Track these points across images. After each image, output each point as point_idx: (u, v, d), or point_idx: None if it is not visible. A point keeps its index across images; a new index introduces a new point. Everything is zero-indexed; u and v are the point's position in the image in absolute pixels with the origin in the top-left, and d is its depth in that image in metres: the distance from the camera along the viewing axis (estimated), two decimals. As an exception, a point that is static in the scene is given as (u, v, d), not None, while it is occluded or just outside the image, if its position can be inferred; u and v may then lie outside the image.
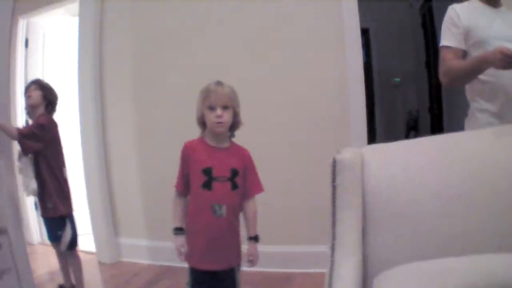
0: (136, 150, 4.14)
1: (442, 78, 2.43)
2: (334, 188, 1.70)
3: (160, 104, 4.02)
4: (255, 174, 2.35)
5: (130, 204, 4.20)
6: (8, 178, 2.77)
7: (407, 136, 6.05)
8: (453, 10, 2.44)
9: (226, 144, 2.30)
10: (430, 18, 5.36)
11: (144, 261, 4.11)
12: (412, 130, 6.06)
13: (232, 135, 2.33)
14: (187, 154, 2.28)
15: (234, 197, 2.28)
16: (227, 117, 2.20)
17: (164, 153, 3.87)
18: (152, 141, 4.06)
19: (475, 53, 2.34)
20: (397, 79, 6.13)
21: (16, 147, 3.04)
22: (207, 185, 2.22)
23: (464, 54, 2.39)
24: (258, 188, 2.35)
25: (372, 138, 6.06)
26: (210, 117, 2.19)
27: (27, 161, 3.11)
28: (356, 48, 3.51)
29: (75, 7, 4.40)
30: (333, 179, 1.71)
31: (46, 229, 3.39)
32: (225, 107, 2.19)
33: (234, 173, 2.25)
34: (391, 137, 5.45)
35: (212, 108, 2.18)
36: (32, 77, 4.68)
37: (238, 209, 2.32)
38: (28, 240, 4.18)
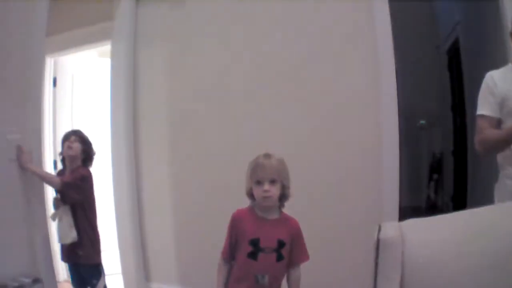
0: (170, 196, 4.16)
1: (478, 147, 2.46)
2: (376, 264, 1.73)
3: (195, 148, 4.03)
4: (302, 244, 2.36)
5: (163, 249, 4.21)
6: (43, 226, 2.82)
7: (430, 179, 6.01)
8: (490, 77, 2.45)
9: (275, 215, 2.33)
10: (456, 60, 5.35)
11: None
12: (435, 173, 6.02)
13: (282, 206, 2.36)
14: (235, 225, 2.33)
15: (279, 267, 2.30)
16: (274, 191, 2.23)
17: (199, 198, 3.89)
18: (187, 186, 4.07)
19: (509, 121, 2.37)
20: (423, 122, 6.10)
21: (48, 195, 3.09)
22: (253, 255, 2.25)
23: (499, 122, 2.41)
24: (304, 257, 2.36)
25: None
26: (258, 192, 2.23)
27: (66, 210, 3.18)
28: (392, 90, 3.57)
29: (104, 48, 4.47)
30: (376, 256, 1.74)
31: (72, 275, 3.44)
32: (272, 181, 2.22)
33: (281, 244, 2.27)
34: (414, 178, 5.45)
35: (259, 183, 2.22)
36: (60, 117, 4.79)
37: (281, 277, 2.34)
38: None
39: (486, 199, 2.84)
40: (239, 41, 3.86)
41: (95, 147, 3.46)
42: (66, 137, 3.39)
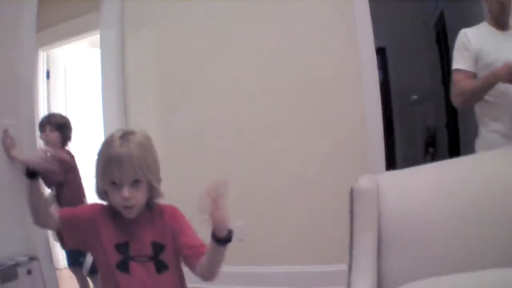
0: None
1: (455, 99, 2.51)
2: (351, 214, 1.78)
3: (184, 130, 4.09)
4: (188, 233, 1.68)
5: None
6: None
7: (426, 153, 6.06)
8: (464, 34, 2.54)
9: (140, 213, 1.66)
10: (443, 34, 5.40)
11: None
12: (430, 146, 6.07)
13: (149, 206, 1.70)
14: (92, 215, 1.66)
15: (164, 282, 1.65)
16: (140, 196, 1.58)
17: (190, 184, 3.93)
18: (175, 172, 4.12)
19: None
20: (415, 97, 6.15)
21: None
22: (123, 266, 1.61)
23: (474, 76, 2.48)
24: (200, 248, 1.63)
25: (391, 155, 6.09)
26: (115, 197, 1.56)
27: (50, 197, 3.26)
28: (372, 69, 3.62)
29: (94, 38, 4.51)
30: (351, 206, 1.79)
31: (66, 255, 3.55)
32: (135, 182, 1.56)
33: (157, 248, 1.65)
34: (410, 153, 5.56)
35: (115, 184, 1.55)
36: (54, 108, 4.83)
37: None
38: (57, 265, 4.26)
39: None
40: (225, 25, 3.92)
41: (71, 123, 3.55)
42: (42, 127, 3.43)
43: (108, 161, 1.53)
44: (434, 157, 5.91)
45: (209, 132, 3.93)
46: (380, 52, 6.44)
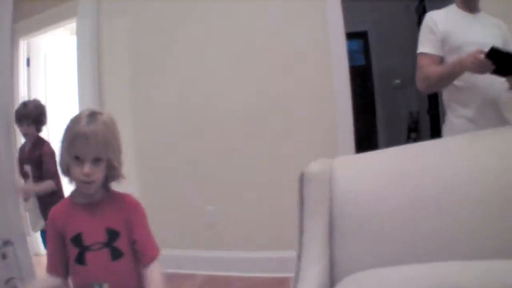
0: (133, 165, 4.21)
1: (420, 84, 2.46)
2: (301, 198, 1.78)
3: (157, 118, 4.13)
4: (144, 231, 1.75)
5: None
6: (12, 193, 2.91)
7: (408, 138, 6.08)
8: (430, 17, 2.50)
9: (98, 197, 1.71)
10: (424, 18, 5.40)
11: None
12: (413, 131, 6.09)
13: (107, 188, 1.76)
14: (55, 225, 1.70)
15: (120, 269, 1.69)
16: (98, 174, 1.64)
17: (162, 172, 3.98)
18: (148, 158, 4.15)
19: (451, 59, 2.38)
20: (397, 81, 6.16)
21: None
22: (80, 258, 1.64)
23: (441, 60, 2.43)
24: (152, 250, 1.75)
25: (374, 140, 6.12)
26: (76, 172, 1.62)
27: (34, 201, 3.34)
28: (342, 53, 3.57)
29: (74, 26, 4.51)
30: (301, 190, 1.80)
31: (42, 240, 3.61)
32: (96, 160, 1.62)
33: (112, 234, 1.67)
34: (392, 138, 5.59)
35: (78, 159, 1.61)
36: (34, 95, 4.85)
37: (131, 283, 1.74)
38: (36, 251, 4.27)
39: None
40: (202, 16, 3.94)
41: (45, 107, 3.60)
42: (19, 122, 3.46)
43: (74, 137, 1.60)
44: (416, 142, 5.92)
45: (183, 117, 3.96)
46: (362, 36, 6.46)
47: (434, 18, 2.47)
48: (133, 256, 1.72)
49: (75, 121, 1.64)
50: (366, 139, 6.26)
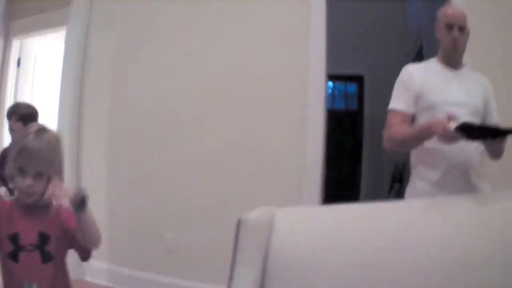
0: (106, 172, 4.21)
1: (386, 143, 2.31)
2: (235, 245, 1.75)
3: (133, 129, 4.12)
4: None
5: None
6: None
7: (391, 187, 6.03)
8: (406, 71, 2.35)
9: (38, 203, 1.76)
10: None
11: (104, 282, 4.08)
12: (397, 182, 6.03)
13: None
14: None
15: (48, 272, 1.76)
16: (39, 187, 1.71)
17: (132, 177, 3.96)
18: (123, 163, 4.14)
19: (423, 118, 2.25)
20: (387, 128, 6.12)
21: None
22: (13, 255, 1.71)
23: (412, 118, 2.30)
24: (84, 254, 1.86)
25: (356, 186, 6.08)
26: (20, 183, 1.70)
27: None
28: (320, 98, 3.53)
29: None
30: (236, 237, 1.76)
31: None
32: (38, 174, 1.70)
33: (44, 238, 1.75)
34: (375, 186, 5.54)
35: (22, 171, 1.69)
36: (21, 95, 4.91)
37: (58, 280, 1.81)
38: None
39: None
40: (193, 29, 3.95)
41: (37, 112, 3.64)
42: (9, 117, 3.57)
43: (20, 150, 1.70)
44: (399, 193, 5.87)
45: (157, 135, 3.98)
46: (358, 80, 6.47)
47: (411, 73, 2.33)
48: (61, 261, 1.82)
49: (23, 135, 1.75)
50: (349, 184, 6.24)
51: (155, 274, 3.72)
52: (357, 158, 6.25)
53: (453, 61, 2.34)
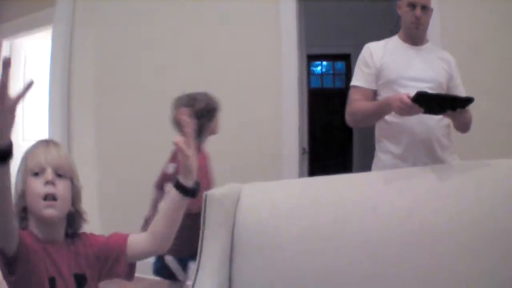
0: (96, 168, 4.33)
1: (347, 118, 2.37)
2: (203, 219, 1.86)
3: (121, 124, 4.24)
4: (122, 262, 1.47)
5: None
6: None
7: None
8: (367, 49, 2.39)
9: (61, 238, 1.42)
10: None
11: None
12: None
13: (73, 229, 1.45)
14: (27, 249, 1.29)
15: None
16: (62, 189, 1.35)
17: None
18: (113, 158, 4.25)
19: (384, 93, 2.29)
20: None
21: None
22: None
23: (374, 94, 2.34)
24: (122, 236, 1.51)
25: (348, 164, 6.16)
26: (36, 187, 1.32)
27: None
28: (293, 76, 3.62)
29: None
30: (204, 212, 1.86)
31: None
32: (59, 175, 1.36)
33: (80, 280, 1.41)
34: (366, 164, 5.63)
35: (37, 175, 1.33)
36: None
37: None
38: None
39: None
40: (176, 27, 4.05)
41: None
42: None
43: (33, 150, 1.38)
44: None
45: (147, 126, 4.08)
46: (345, 58, 6.52)
47: (371, 50, 2.37)
48: None
49: (31, 147, 1.42)
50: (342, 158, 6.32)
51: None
52: (349, 136, 6.32)
53: (415, 38, 2.38)
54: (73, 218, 1.42)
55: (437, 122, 2.22)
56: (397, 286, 1.56)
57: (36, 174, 1.32)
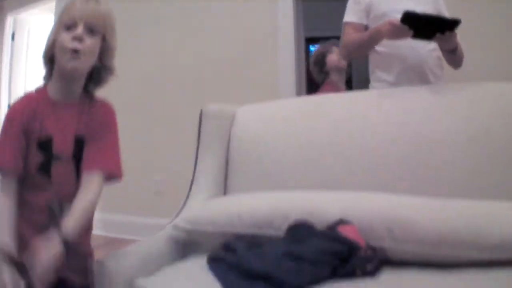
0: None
1: (341, 51, 2.46)
2: (199, 134, 1.93)
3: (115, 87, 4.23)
4: (111, 144, 1.46)
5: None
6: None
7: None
8: None
9: (75, 97, 1.42)
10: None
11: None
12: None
13: (93, 87, 1.47)
14: (21, 119, 1.35)
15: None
16: (91, 45, 1.35)
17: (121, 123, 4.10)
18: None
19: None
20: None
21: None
22: (45, 167, 1.36)
23: (366, 29, 2.38)
24: (106, 163, 1.41)
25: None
26: (65, 39, 1.31)
27: None
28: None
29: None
30: (199, 126, 1.94)
31: None
32: (91, 31, 1.35)
33: (80, 143, 1.40)
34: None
35: (70, 28, 1.32)
36: (16, 68, 5.10)
37: None
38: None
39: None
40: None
41: None
42: None
43: (72, 3, 1.36)
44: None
45: (139, 84, 4.06)
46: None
47: None
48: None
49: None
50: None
51: (144, 217, 3.86)
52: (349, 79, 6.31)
53: None
54: (99, 72, 1.44)
55: (429, 52, 2.27)
56: (393, 195, 1.53)
57: (68, 28, 1.32)
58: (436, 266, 1.19)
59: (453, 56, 2.21)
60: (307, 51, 6.39)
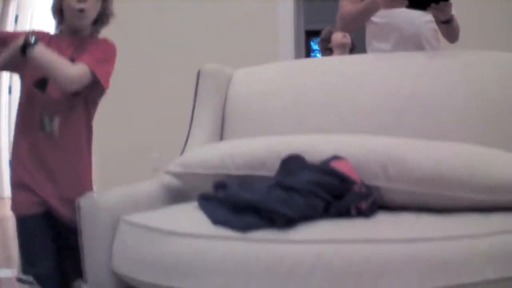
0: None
1: (339, 23, 2.44)
2: (196, 91, 1.92)
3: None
4: (105, 57, 1.65)
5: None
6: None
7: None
8: None
9: (83, 33, 1.66)
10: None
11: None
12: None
13: (95, 31, 1.71)
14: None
15: (73, 108, 1.61)
16: (93, 3, 1.57)
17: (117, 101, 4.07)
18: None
19: None
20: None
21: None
22: (42, 83, 1.57)
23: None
24: (94, 64, 1.57)
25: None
26: (71, 1, 1.53)
27: None
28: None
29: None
30: (197, 83, 1.93)
31: None
32: None
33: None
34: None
35: None
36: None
37: (80, 125, 1.66)
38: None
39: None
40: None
41: None
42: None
43: None
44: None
45: (136, 61, 4.00)
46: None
47: None
48: (91, 104, 1.71)
49: None
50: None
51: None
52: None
53: None
54: (101, 17, 1.67)
55: (425, 23, 2.26)
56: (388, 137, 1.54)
57: None
58: (434, 211, 1.17)
59: (449, 28, 2.17)
60: (308, 44, 6.40)
